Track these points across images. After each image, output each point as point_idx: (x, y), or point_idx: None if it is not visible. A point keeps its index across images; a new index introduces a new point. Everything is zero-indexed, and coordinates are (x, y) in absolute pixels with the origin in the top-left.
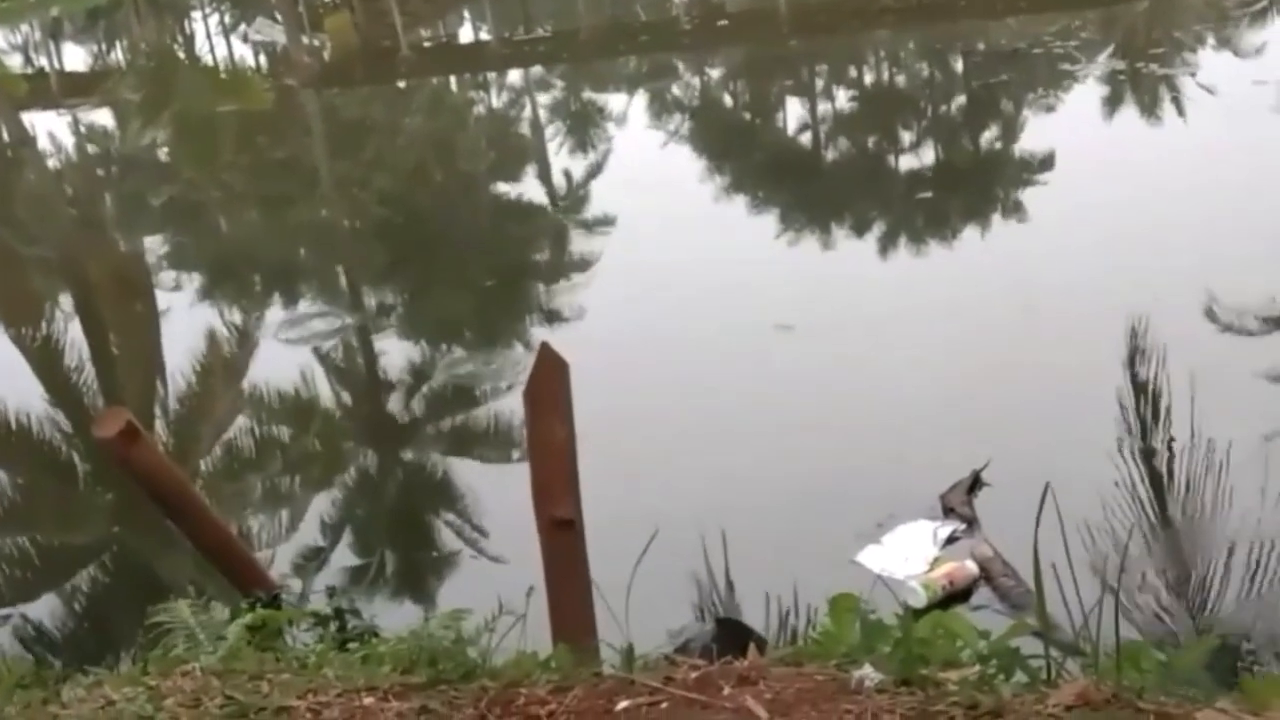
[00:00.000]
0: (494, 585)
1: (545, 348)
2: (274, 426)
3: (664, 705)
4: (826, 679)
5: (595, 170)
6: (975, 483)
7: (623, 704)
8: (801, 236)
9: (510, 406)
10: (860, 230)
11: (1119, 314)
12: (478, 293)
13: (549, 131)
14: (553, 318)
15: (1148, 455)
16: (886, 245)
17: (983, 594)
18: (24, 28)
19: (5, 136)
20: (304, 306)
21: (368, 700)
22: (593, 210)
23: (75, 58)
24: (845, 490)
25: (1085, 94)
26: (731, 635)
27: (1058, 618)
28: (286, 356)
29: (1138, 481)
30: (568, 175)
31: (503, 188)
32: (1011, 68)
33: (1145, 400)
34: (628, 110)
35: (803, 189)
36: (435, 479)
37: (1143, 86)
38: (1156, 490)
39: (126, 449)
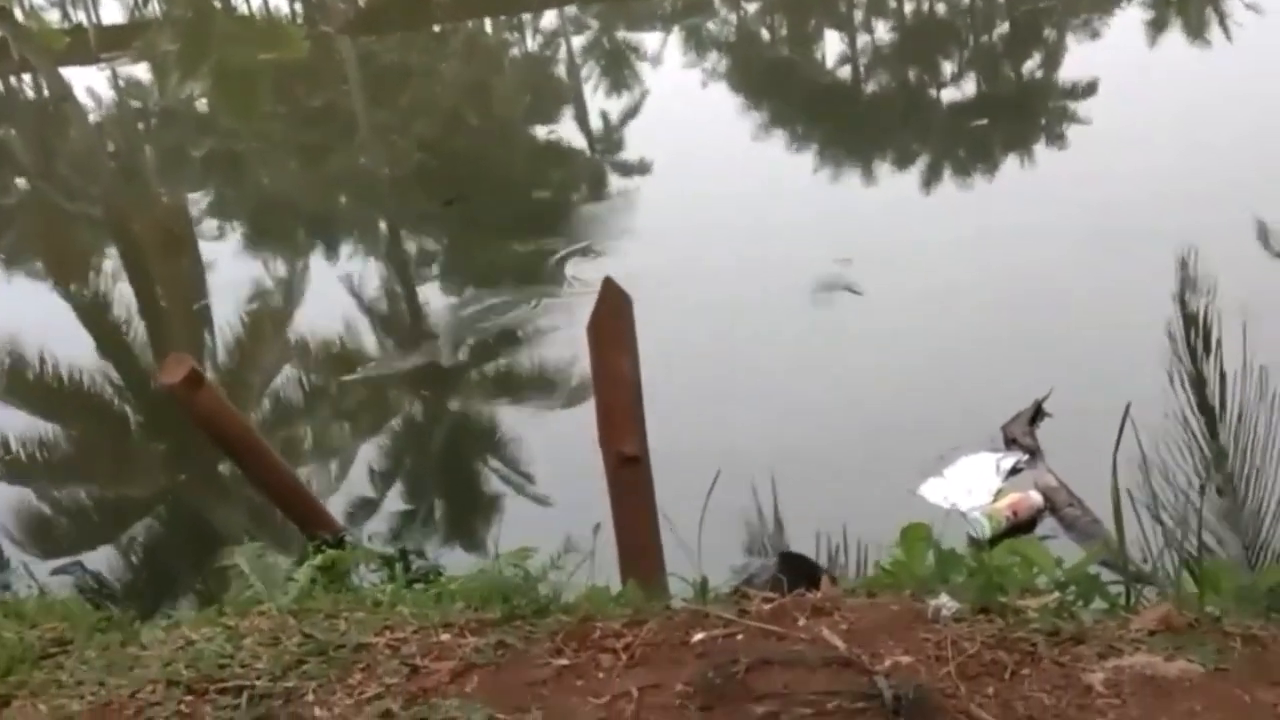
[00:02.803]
0: (544, 526)
1: (609, 283)
2: (320, 375)
3: (739, 637)
4: (902, 609)
5: (635, 109)
6: (1037, 413)
7: (698, 636)
8: (850, 172)
9: (554, 350)
10: (909, 164)
11: (1171, 240)
12: (520, 235)
13: (585, 71)
14: (597, 258)
15: (1200, 386)
16: (935, 178)
17: (1047, 524)
18: None
19: (45, 92)
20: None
21: (444, 636)
22: (638, 150)
23: (112, 10)
24: (904, 424)
25: (1129, 18)
26: (796, 569)
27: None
28: (329, 305)
29: (1189, 413)
30: (604, 116)
31: (542, 130)
32: None
33: (1197, 330)
34: (664, 48)
35: (853, 125)
36: (480, 423)
37: (1190, 8)
38: (1209, 421)
39: (191, 395)
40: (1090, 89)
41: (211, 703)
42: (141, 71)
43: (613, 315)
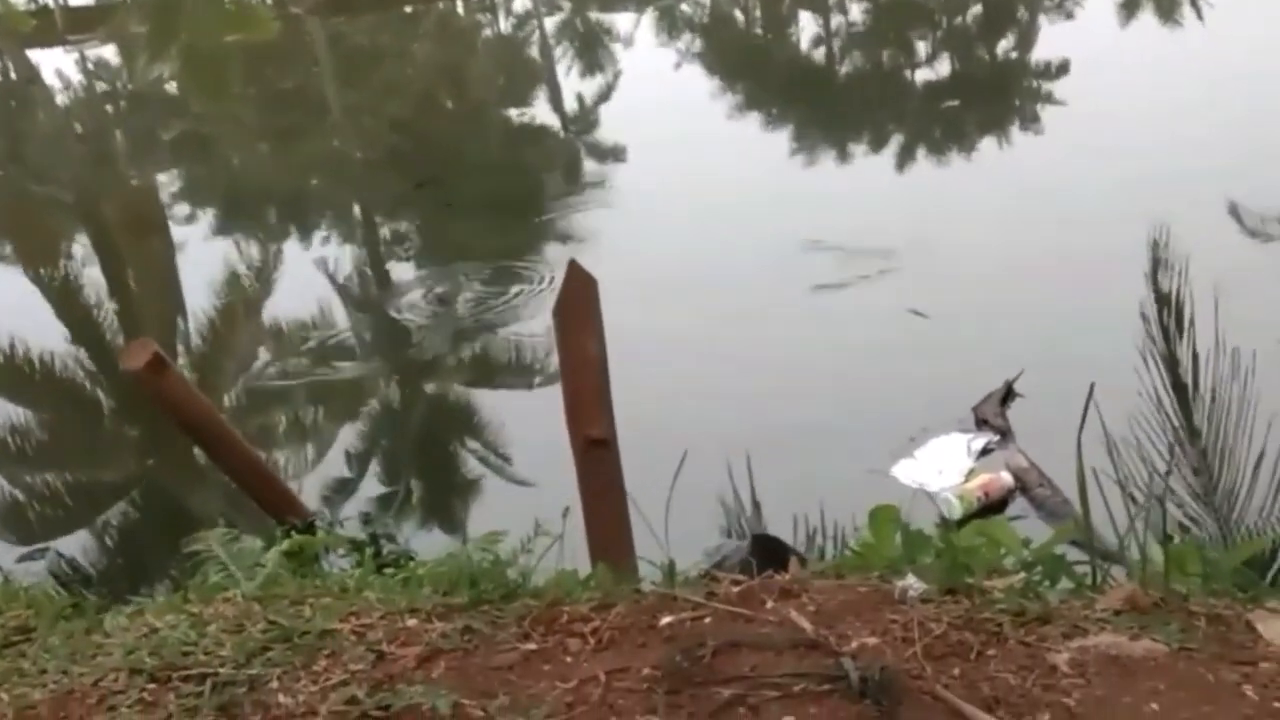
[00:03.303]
0: (521, 509)
1: (573, 265)
2: (296, 358)
3: (707, 620)
4: (869, 590)
5: (607, 91)
6: (1008, 394)
7: (666, 619)
8: (825, 152)
9: (531, 332)
10: (883, 144)
11: (1144, 221)
12: (493, 217)
13: (558, 52)
14: (572, 240)
15: (1173, 365)
16: (909, 159)
17: (1019, 505)
18: None
19: (13, 75)
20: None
21: (411, 622)
22: (610, 131)
23: None
24: (876, 407)
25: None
26: (767, 551)
27: (1095, 525)
28: (304, 287)
29: (1163, 392)
30: (579, 98)
31: (515, 112)
32: None
33: (1169, 310)
34: (636, 29)
35: (827, 105)
36: (457, 406)
37: None
38: (1182, 400)
39: (154, 380)
40: (1063, 69)
41: (174, 690)
42: (110, 53)
43: (578, 298)
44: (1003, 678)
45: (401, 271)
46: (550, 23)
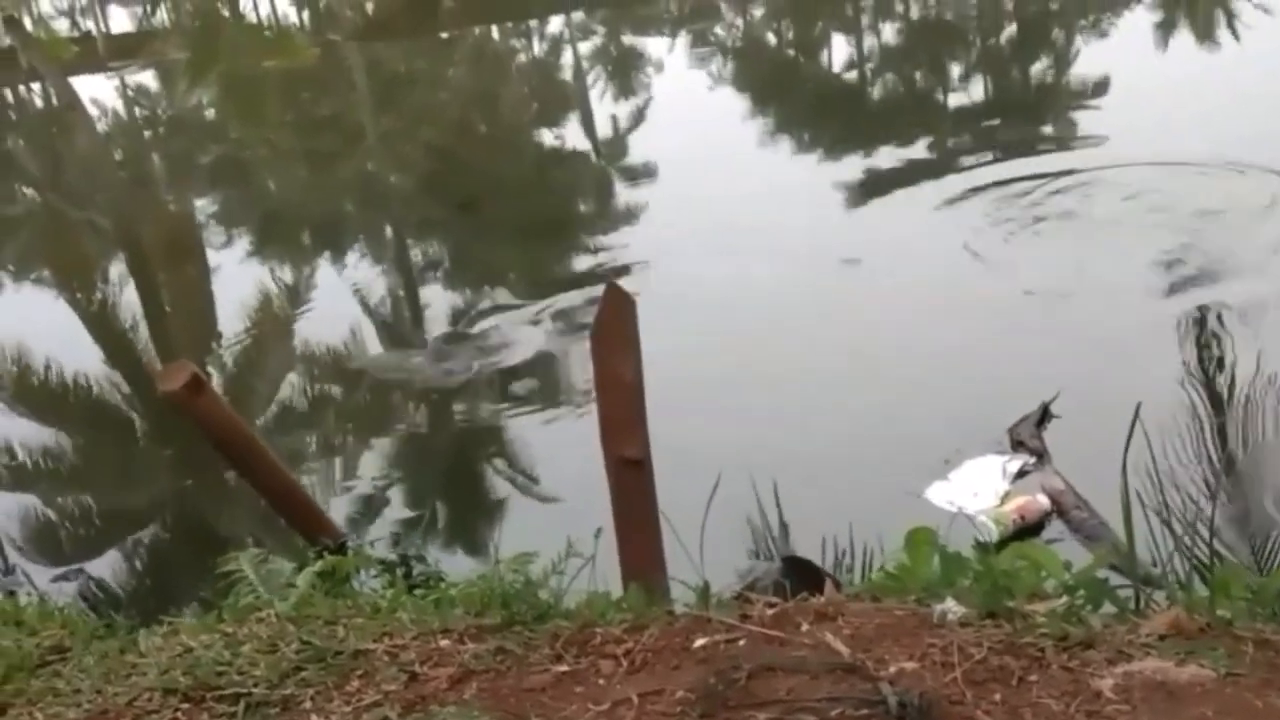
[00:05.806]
0: (553, 529)
1: (612, 286)
2: (327, 382)
3: (741, 642)
4: (907, 613)
5: (641, 115)
6: (1044, 415)
7: (699, 641)
8: (856, 173)
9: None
10: (917, 165)
11: (1179, 239)
12: (531, 241)
13: (591, 77)
14: (606, 262)
15: (1211, 386)
16: (940, 178)
17: (1055, 528)
18: None
19: (54, 101)
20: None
21: (444, 642)
22: (643, 155)
23: (120, 19)
24: (910, 428)
25: (1136, 19)
26: (799, 573)
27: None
28: (336, 311)
29: (1203, 414)
30: (614, 120)
31: (549, 136)
32: None
33: (1208, 331)
34: (671, 53)
35: (857, 125)
36: (487, 426)
37: (1198, 9)
38: (1220, 422)
39: (192, 401)
40: (1100, 88)
41: (208, 710)
42: (150, 79)
43: (615, 318)
44: (1045, 704)
45: (435, 295)
46: (584, 47)
